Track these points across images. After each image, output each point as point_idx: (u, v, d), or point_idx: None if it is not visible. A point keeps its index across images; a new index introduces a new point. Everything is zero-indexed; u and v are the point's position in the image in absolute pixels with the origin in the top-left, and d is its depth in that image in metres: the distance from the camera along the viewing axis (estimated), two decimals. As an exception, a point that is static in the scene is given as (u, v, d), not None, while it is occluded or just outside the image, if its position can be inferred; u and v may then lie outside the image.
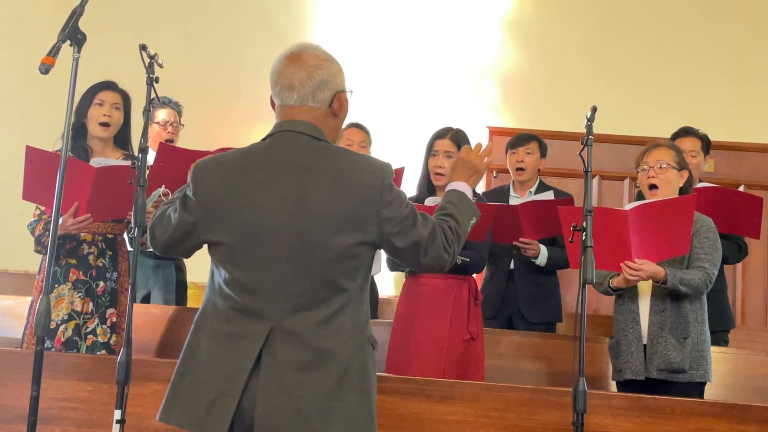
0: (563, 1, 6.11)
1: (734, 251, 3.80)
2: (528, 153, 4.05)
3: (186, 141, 4.08)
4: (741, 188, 5.48)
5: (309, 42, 2.02)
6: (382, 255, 3.23)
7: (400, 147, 5.13)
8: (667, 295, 3.08)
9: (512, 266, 3.94)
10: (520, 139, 4.09)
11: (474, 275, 3.37)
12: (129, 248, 3.23)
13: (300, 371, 1.82)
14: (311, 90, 1.94)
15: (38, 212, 3.18)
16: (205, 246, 1.98)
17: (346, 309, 1.88)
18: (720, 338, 3.78)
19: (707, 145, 3.96)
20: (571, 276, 4.49)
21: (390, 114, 5.67)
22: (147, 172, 2.48)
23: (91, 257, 3.15)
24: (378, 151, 3.81)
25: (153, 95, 2.52)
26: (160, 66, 2.54)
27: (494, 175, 5.71)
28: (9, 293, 4.07)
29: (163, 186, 3.09)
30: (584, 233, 2.43)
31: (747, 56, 5.90)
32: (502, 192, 4.14)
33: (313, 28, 6.07)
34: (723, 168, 5.53)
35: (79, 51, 2.40)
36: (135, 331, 2.50)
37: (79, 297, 3.10)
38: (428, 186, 3.37)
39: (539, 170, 4.12)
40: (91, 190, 2.95)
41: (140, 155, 2.46)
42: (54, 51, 2.32)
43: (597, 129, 2.56)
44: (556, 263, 3.85)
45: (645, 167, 3.22)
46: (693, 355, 3.05)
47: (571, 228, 2.47)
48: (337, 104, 1.98)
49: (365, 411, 1.87)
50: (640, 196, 3.30)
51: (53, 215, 2.36)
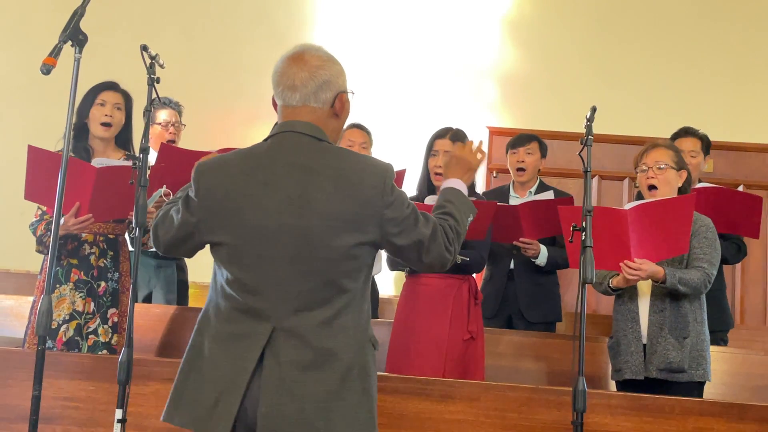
0: (563, 2, 6.11)
1: (733, 252, 3.80)
2: (529, 153, 4.05)
3: (187, 141, 4.09)
4: (740, 188, 5.49)
5: (311, 43, 2.02)
6: (383, 255, 3.24)
7: (400, 147, 5.14)
8: (667, 295, 3.08)
9: (512, 266, 3.94)
10: (521, 140, 4.08)
11: (474, 275, 3.38)
12: (130, 248, 3.23)
13: (302, 371, 1.82)
14: (313, 90, 1.94)
15: (40, 212, 3.18)
16: (207, 246, 1.98)
17: (348, 309, 1.88)
18: (719, 338, 3.78)
19: (707, 146, 3.95)
20: (571, 276, 4.50)
21: (390, 114, 5.66)
22: (148, 173, 2.48)
23: (93, 257, 3.15)
24: (378, 151, 3.81)
25: (154, 95, 2.52)
26: (161, 66, 2.54)
27: (494, 175, 5.72)
28: (10, 293, 4.07)
29: (165, 186, 3.09)
30: (584, 233, 2.43)
31: (746, 56, 5.89)
32: (502, 192, 4.13)
33: (314, 29, 6.07)
34: (722, 168, 5.53)
35: (81, 51, 2.40)
36: (136, 331, 2.50)
37: (81, 297, 3.10)
38: (428, 186, 3.38)
39: (539, 170, 4.12)
40: (93, 191, 2.95)
41: (141, 155, 2.45)
42: (55, 51, 2.33)
43: (596, 129, 2.56)
44: (556, 263, 3.85)
45: (644, 168, 3.22)
46: (692, 355, 3.04)
47: (571, 228, 2.48)
48: (339, 105, 1.98)
49: (366, 411, 1.88)
50: (640, 196, 3.30)
51: (55, 215, 2.36)
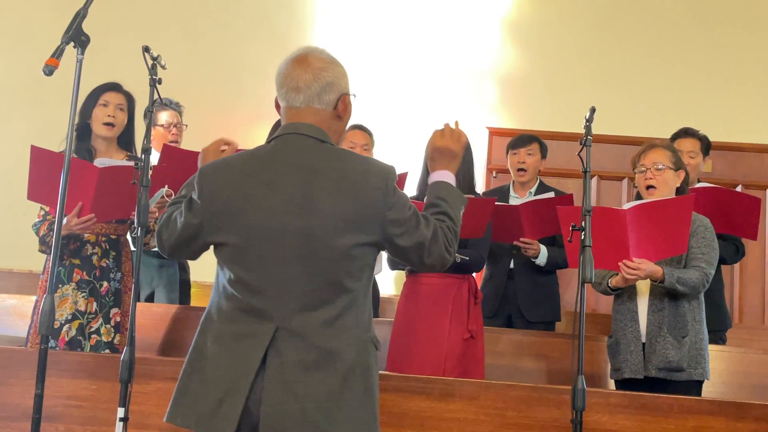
0: (562, 3, 6.12)
1: (732, 252, 3.79)
2: (529, 154, 4.06)
3: (188, 142, 4.09)
4: (738, 188, 5.50)
5: (314, 45, 2.03)
6: (383, 255, 3.25)
7: (400, 147, 5.15)
8: (665, 295, 3.09)
9: (512, 265, 3.95)
10: (522, 140, 4.09)
11: (474, 274, 3.39)
12: (132, 248, 3.23)
13: (305, 371, 1.83)
14: (317, 92, 1.95)
15: (42, 212, 3.19)
16: (210, 246, 1.99)
17: (351, 309, 1.89)
18: (717, 337, 3.78)
19: (706, 146, 3.94)
20: (571, 275, 4.51)
21: (390, 114, 5.67)
22: (150, 173, 2.49)
23: (95, 257, 3.16)
24: (378, 151, 3.83)
25: (156, 96, 2.52)
26: (163, 67, 2.54)
27: (494, 175, 5.73)
28: (13, 292, 4.07)
29: (166, 186, 3.10)
30: (583, 233, 2.44)
31: (744, 57, 5.90)
32: (502, 192, 4.14)
33: (314, 30, 6.08)
34: (721, 168, 5.54)
35: (83, 53, 2.40)
36: (138, 330, 2.51)
37: (83, 297, 3.11)
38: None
39: (539, 171, 4.14)
40: (95, 191, 2.96)
41: (143, 156, 2.46)
42: (58, 53, 2.33)
43: (595, 129, 2.57)
44: (556, 263, 3.86)
45: (642, 169, 3.23)
46: (691, 354, 3.05)
47: (570, 227, 2.49)
48: (342, 107, 1.99)
49: (369, 410, 1.89)
50: (639, 196, 3.30)
51: (57, 215, 2.36)
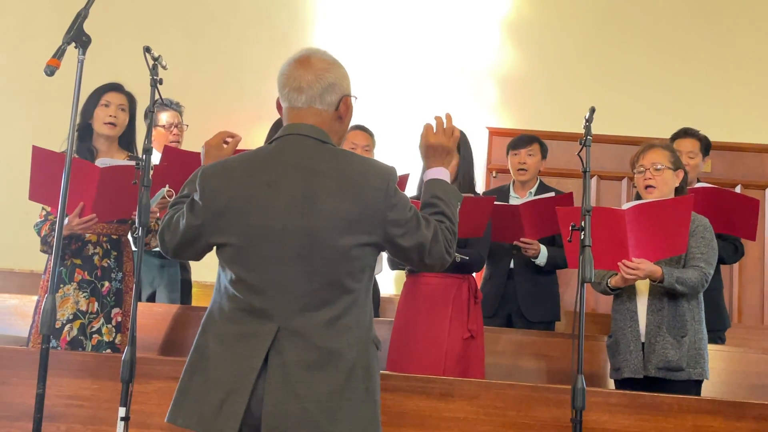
0: (561, 4, 6.13)
1: (731, 252, 3.80)
2: (530, 155, 4.06)
3: (189, 142, 4.10)
4: (738, 188, 5.51)
5: (316, 47, 2.03)
6: (384, 255, 3.25)
7: (400, 147, 5.15)
8: (665, 294, 3.10)
9: (512, 265, 3.96)
10: (522, 141, 4.10)
11: (474, 274, 3.40)
12: (133, 248, 3.24)
13: (307, 371, 1.83)
14: (319, 92, 1.95)
15: (44, 213, 3.20)
16: (213, 247, 1.99)
17: (352, 309, 1.89)
18: (716, 337, 3.78)
19: (706, 147, 3.95)
20: (570, 275, 4.52)
21: (390, 115, 5.67)
22: (151, 173, 2.49)
23: (96, 257, 3.17)
24: (377, 152, 3.83)
25: (157, 97, 2.52)
26: (164, 68, 2.54)
27: (494, 175, 5.74)
28: (15, 292, 4.08)
29: (167, 186, 3.11)
30: (582, 232, 2.44)
31: (743, 57, 5.91)
32: (502, 192, 4.15)
33: (314, 31, 6.09)
34: (720, 168, 5.55)
35: (84, 53, 2.41)
36: (139, 330, 2.51)
37: (84, 297, 3.12)
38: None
39: (539, 171, 4.14)
40: (97, 191, 2.96)
41: (144, 156, 2.46)
42: (59, 53, 2.33)
43: (595, 129, 2.57)
44: (556, 263, 3.87)
45: (641, 169, 3.23)
46: (690, 353, 3.06)
47: (570, 227, 2.49)
48: (344, 108, 2.00)
49: (370, 410, 1.89)
50: (639, 196, 3.30)
51: (59, 215, 2.36)
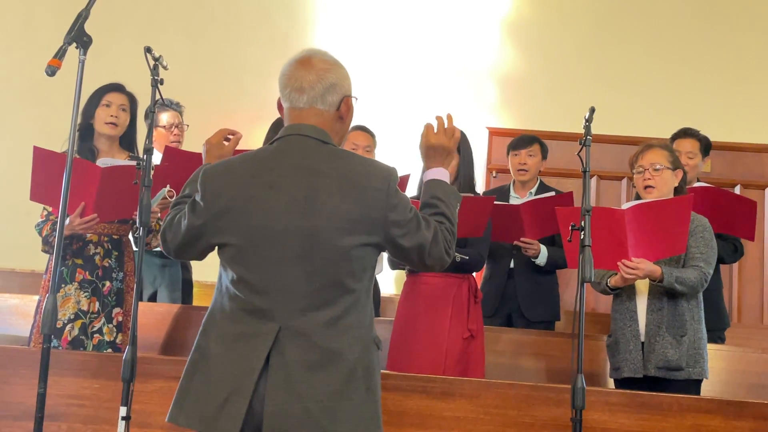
0: (561, 4, 6.14)
1: (730, 251, 3.81)
2: (530, 155, 4.07)
3: (189, 142, 4.11)
4: (737, 188, 5.52)
5: (317, 48, 2.04)
6: (384, 255, 3.25)
7: (400, 147, 5.16)
8: (664, 294, 3.11)
9: (512, 265, 3.96)
10: (523, 141, 4.10)
11: (474, 274, 3.40)
12: (134, 248, 3.24)
13: (308, 371, 1.84)
14: (321, 93, 1.96)
15: (45, 213, 3.21)
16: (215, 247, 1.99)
17: (353, 309, 1.90)
18: (716, 336, 3.79)
19: (706, 147, 3.95)
20: (570, 275, 4.53)
21: (390, 115, 5.68)
22: (152, 173, 2.49)
23: (97, 257, 3.17)
24: (378, 152, 3.84)
25: (157, 97, 2.53)
26: (165, 68, 2.55)
27: (494, 175, 5.74)
28: (16, 292, 4.09)
29: (168, 186, 3.12)
30: (582, 232, 2.45)
31: (742, 57, 5.92)
32: (503, 192, 4.15)
33: (315, 31, 6.10)
34: (719, 168, 5.55)
35: (85, 53, 2.41)
36: (140, 329, 2.51)
37: (86, 297, 3.12)
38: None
39: (539, 171, 4.15)
40: (98, 191, 2.97)
41: (145, 156, 2.47)
42: (60, 53, 2.33)
43: (595, 129, 2.57)
44: (556, 263, 3.88)
45: (640, 170, 3.24)
46: (690, 353, 3.07)
47: (570, 227, 2.49)
48: (345, 108, 2.00)
49: (371, 409, 1.90)
50: (639, 196, 3.30)
51: (60, 215, 2.36)
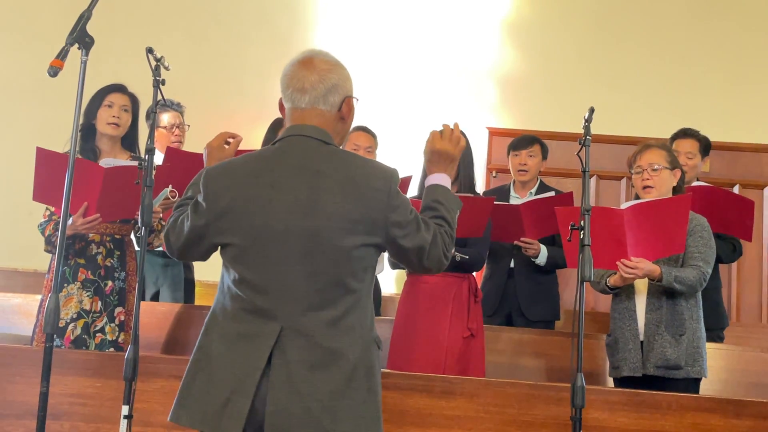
0: (561, 4, 6.15)
1: (729, 251, 3.81)
2: (531, 156, 4.07)
3: (190, 142, 4.11)
4: (736, 188, 5.52)
5: (318, 48, 2.05)
6: (385, 254, 3.27)
7: (400, 148, 5.17)
8: (663, 293, 3.11)
9: (512, 265, 3.97)
10: (523, 142, 4.10)
11: (474, 273, 3.41)
12: (137, 248, 3.25)
13: (310, 370, 1.84)
14: (323, 93, 1.97)
15: (48, 213, 3.21)
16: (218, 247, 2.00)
17: (354, 309, 1.90)
18: (715, 335, 3.80)
19: (705, 147, 3.95)
20: (570, 274, 4.54)
21: (390, 115, 5.68)
22: (154, 173, 2.50)
23: (100, 257, 3.18)
24: (379, 152, 3.84)
25: (159, 97, 2.54)
26: (167, 69, 2.56)
27: (494, 175, 5.75)
28: (19, 291, 4.11)
29: (170, 186, 3.13)
30: (582, 232, 2.45)
31: (741, 57, 5.93)
32: (503, 192, 4.16)
33: (315, 32, 6.10)
34: (718, 168, 5.55)
35: (87, 54, 2.41)
36: (142, 329, 2.53)
37: (88, 296, 3.13)
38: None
39: (540, 171, 4.16)
40: (101, 191, 2.98)
41: (147, 156, 2.48)
42: (62, 54, 2.34)
43: (594, 129, 2.58)
44: (556, 263, 3.88)
45: (638, 170, 3.24)
46: (689, 352, 3.07)
47: (570, 227, 2.50)
48: (346, 109, 2.01)
49: (372, 409, 1.90)
50: (638, 196, 3.31)
51: (62, 215, 2.37)
